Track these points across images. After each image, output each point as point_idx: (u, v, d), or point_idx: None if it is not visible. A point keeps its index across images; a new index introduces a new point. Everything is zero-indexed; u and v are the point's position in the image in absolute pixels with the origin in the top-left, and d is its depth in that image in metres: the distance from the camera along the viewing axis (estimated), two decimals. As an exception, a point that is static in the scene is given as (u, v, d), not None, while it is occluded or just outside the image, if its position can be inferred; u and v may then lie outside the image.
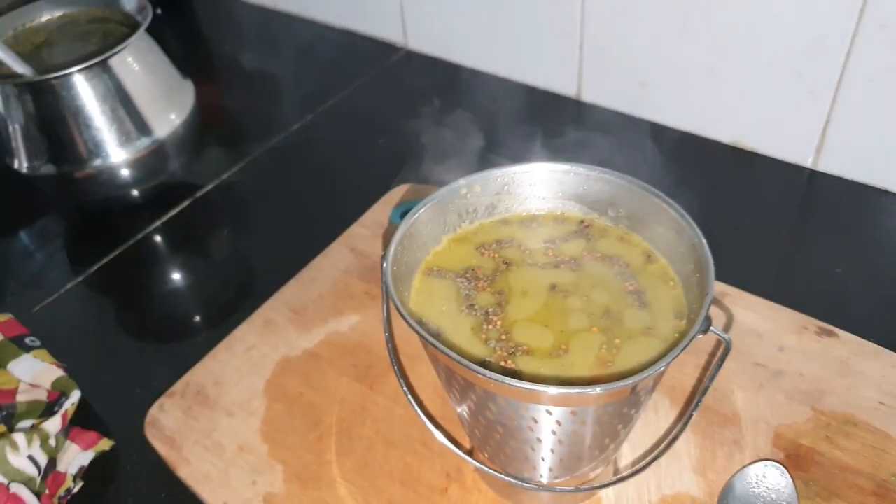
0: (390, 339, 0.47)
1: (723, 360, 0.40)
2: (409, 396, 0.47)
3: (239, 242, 0.75)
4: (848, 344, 0.56)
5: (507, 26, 0.86)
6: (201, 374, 0.59)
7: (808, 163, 0.74)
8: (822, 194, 0.72)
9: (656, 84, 0.79)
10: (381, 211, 0.72)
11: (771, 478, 0.47)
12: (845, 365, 0.55)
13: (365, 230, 0.70)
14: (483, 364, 0.39)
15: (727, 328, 0.58)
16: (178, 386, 0.58)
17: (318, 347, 0.60)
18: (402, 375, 0.55)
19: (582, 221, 0.47)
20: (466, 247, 0.47)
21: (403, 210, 0.71)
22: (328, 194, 0.78)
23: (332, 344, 0.60)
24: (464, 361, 0.35)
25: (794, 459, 0.49)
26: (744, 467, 0.48)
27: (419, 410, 0.46)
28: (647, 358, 0.39)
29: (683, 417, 0.50)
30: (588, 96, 0.85)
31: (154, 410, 0.56)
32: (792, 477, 0.47)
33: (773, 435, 0.51)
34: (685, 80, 0.76)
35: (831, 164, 0.72)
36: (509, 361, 0.39)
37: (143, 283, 0.71)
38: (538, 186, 0.47)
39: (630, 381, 0.34)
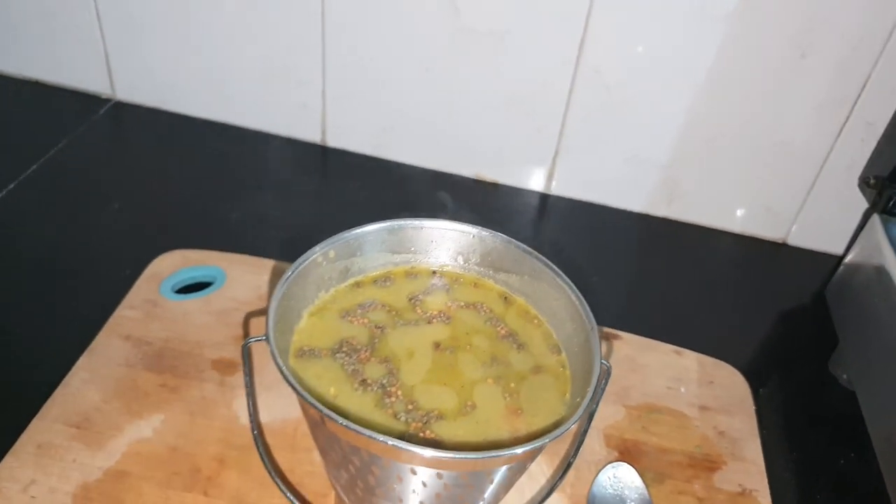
0: (259, 437, 0.42)
1: (605, 385, 0.44)
2: (282, 486, 0.42)
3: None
4: (630, 343, 0.64)
5: (239, 77, 0.81)
6: (-32, 537, 0.45)
7: (541, 188, 0.83)
8: (557, 213, 0.82)
9: (400, 127, 0.82)
10: (146, 287, 0.63)
11: (621, 476, 0.52)
12: (634, 361, 0.63)
13: (134, 312, 0.60)
14: (405, 440, 0.37)
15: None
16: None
17: (123, 463, 0.50)
18: (273, 466, 0.48)
19: (434, 272, 0.47)
20: (329, 318, 0.43)
21: (176, 283, 0.63)
22: (63, 278, 0.65)
23: (140, 455, 0.51)
24: (386, 439, 0.33)
25: (627, 455, 0.55)
26: (596, 475, 0.53)
27: (294, 500, 0.42)
28: (548, 397, 0.41)
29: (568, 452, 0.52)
30: (333, 142, 0.84)
31: None
32: (636, 469, 0.53)
33: (603, 437, 0.56)
34: (428, 123, 0.80)
35: (562, 188, 0.83)
36: (428, 431, 0.38)
37: None
38: (387, 244, 0.46)
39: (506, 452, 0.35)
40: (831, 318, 0.66)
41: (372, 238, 0.45)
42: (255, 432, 0.42)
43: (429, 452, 0.33)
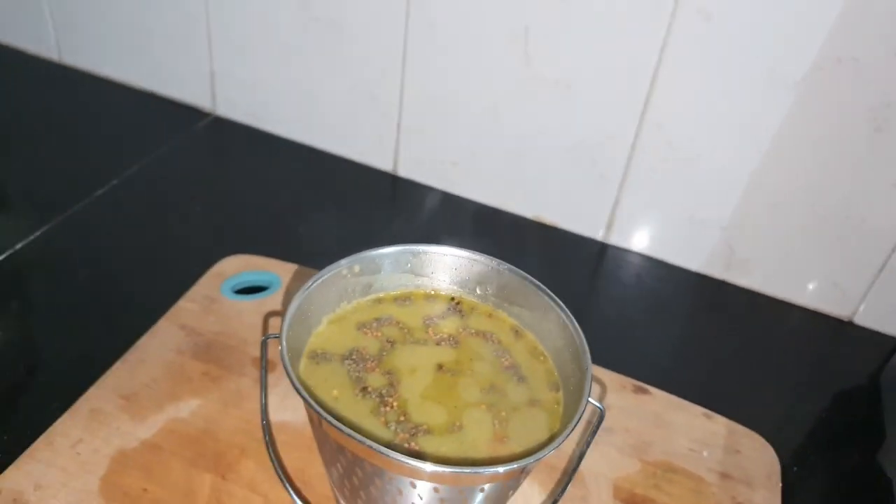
0: (268, 427, 0.45)
1: (597, 426, 0.45)
2: (286, 482, 0.45)
3: (42, 322, 0.66)
4: (658, 399, 0.64)
5: (326, 102, 0.87)
6: (16, 478, 0.51)
7: (599, 236, 0.84)
8: (613, 263, 0.83)
9: (467, 163, 0.85)
10: (209, 284, 0.69)
11: (620, 527, 0.52)
12: (659, 418, 0.63)
13: (194, 305, 0.66)
14: (390, 447, 0.39)
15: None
16: (-14, 497, 0.50)
17: (158, 437, 0.55)
18: (278, 461, 0.52)
19: (452, 299, 0.50)
20: (346, 327, 0.47)
21: (236, 283, 0.69)
22: (143, 267, 0.73)
23: (174, 432, 0.56)
24: (376, 447, 0.35)
25: (632, 507, 0.55)
26: (596, 521, 0.53)
27: (295, 497, 0.45)
28: (536, 430, 0.42)
29: (553, 491, 0.53)
30: (403, 171, 0.89)
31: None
32: (636, 524, 0.53)
33: (612, 487, 0.56)
34: (493, 161, 0.83)
35: (619, 238, 0.83)
36: (413, 443, 0.40)
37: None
38: (413, 266, 0.49)
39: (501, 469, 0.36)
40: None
41: (394, 259, 0.48)
42: (264, 423, 0.45)
43: (401, 457, 0.35)
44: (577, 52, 0.73)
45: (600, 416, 0.45)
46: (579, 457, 0.45)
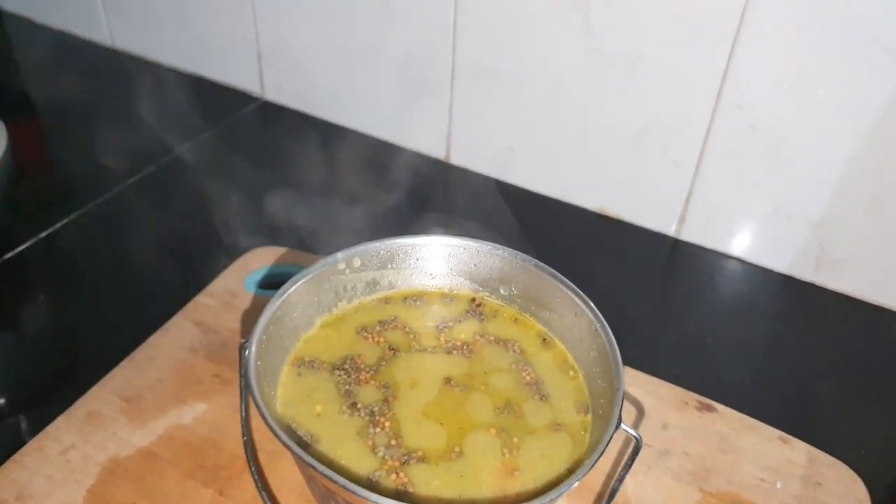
0: (249, 443, 0.40)
1: (632, 460, 0.37)
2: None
3: (59, 314, 0.64)
4: (727, 418, 0.55)
5: (374, 85, 0.82)
6: (1, 485, 0.47)
7: (671, 231, 0.75)
8: (685, 262, 0.73)
9: (524, 149, 0.78)
10: (232, 278, 0.64)
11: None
12: (726, 440, 0.54)
13: (213, 301, 0.62)
14: (371, 481, 0.33)
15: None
16: (-32, 502, 0.46)
17: (156, 445, 0.51)
18: (261, 480, 0.47)
19: (473, 300, 0.43)
20: (344, 330, 0.41)
21: (261, 278, 0.64)
22: (169, 257, 0.69)
23: (174, 440, 0.51)
24: (348, 484, 0.29)
25: (689, 549, 0.47)
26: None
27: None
28: (556, 461, 0.35)
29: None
30: (457, 160, 0.82)
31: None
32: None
33: (666, 523, 0.48)
34: (553, 147, 0.76)
35: (693, 234, 0.74)
36: (401, 473, 0.34)
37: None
38: (425, 261, 0.43)
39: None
40: None
41: (405, 252, 0.42)
42: (245, 438, 0.40)
43: (376, 498, 0.28)
44: (646, 20, 0.64)
45: (636, 447, 0.37)
46: (611, 494, 0.37)
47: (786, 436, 0.54)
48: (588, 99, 0.71)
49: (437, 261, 0.42)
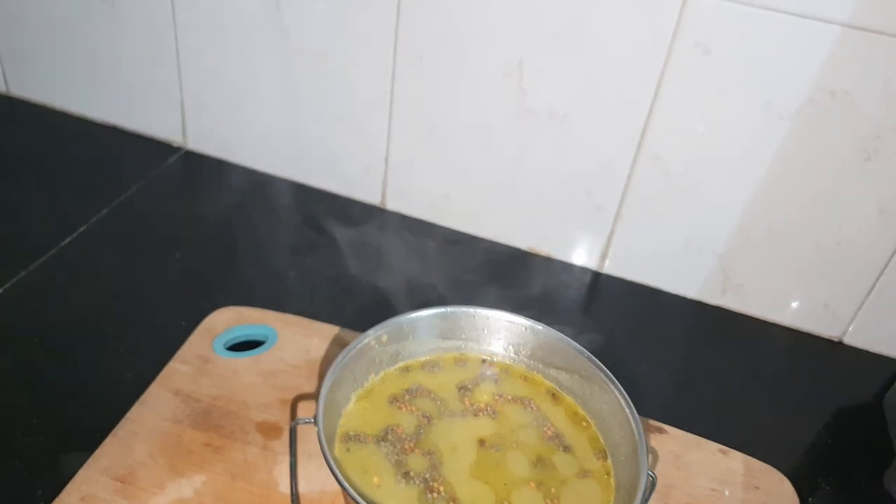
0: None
1: (649, 495, 0.43)
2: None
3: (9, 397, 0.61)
4: (676, 438, 0.63)
5: (307, 134, 0.84)
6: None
7: (593, 266, 0.83)
8: (607, 292, 0.81)
9: (459, 195, 0.83)
10: (200, 342, 0.64)
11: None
12: (679, 458, 0.61)
13: (187, 367, 0.62)
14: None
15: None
16: None
17: (162, 523, 0.51)
18: None
19: (483, 361, 0.48)
20: (377, 402, 0.44)
21: (228, 339, 0.65)
22: (122, 326, 0.67)
23: (181, 515, 0.51)
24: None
25: (661, 560, 0.54)
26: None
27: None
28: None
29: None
30: (392, 205, 0.86)
31: None
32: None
33: (642, 539, 0.55)
34: (486, 192, 0.81)
35: (614, 268, 0.82)
36: (467, 533, 0.38)
37: None
38: (439, 330, 0.47)
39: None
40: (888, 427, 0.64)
41: (424, 323, 0.46)
42: (295, 512, 0.42)
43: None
44: (574, 85, 0.72)
45: (652, 484, 0.43)
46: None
47: (724, 448, 0.63)
48: (518, 151, 0.78)
49: (451, 329, 0.47)
